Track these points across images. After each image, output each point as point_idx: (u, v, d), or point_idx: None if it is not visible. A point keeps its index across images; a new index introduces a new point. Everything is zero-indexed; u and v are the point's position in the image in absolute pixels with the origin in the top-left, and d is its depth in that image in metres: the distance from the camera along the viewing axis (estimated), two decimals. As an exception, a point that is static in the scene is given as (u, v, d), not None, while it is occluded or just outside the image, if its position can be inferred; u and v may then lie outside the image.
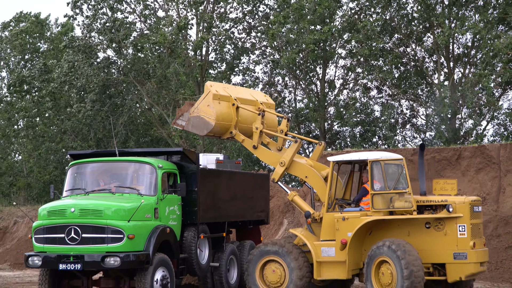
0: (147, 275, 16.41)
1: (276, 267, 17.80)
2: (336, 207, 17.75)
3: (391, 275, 16.30)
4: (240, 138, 18.89)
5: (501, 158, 25.29)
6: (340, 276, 17.28)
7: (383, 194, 16.90)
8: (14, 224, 33.90)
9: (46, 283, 17.03)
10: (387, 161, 17.16)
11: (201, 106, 18.53)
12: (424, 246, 16.74)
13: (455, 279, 16.67)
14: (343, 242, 17.02)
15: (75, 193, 17.71)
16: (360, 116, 43.82)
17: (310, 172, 18.30)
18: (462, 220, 16.61)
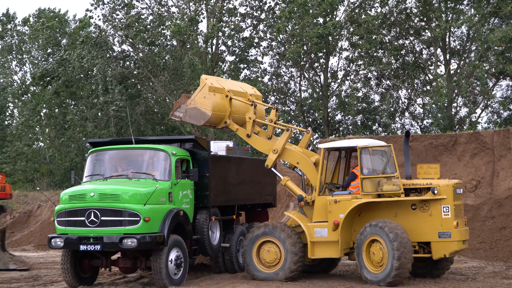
0: (162, 255, 16.42)
1: (271, 247, 17.91)
2: (326, 191, 17.91)
3: (381, 254, 16.52)
4: (234, 127, 19.02)
5: (495, 143, 25.21)
6: (332, 254, 17.52)
7: (372, 178, 17.09)
8: (38, 208, 34.00)
9: (68, 262, 17.08)
10: (374, 148, 17.36)
11: (197, 98, 18.64)
12: (410, 226, 16.93)
13: (439, 256, 16.91)
14: (335, 223, 17.21)
15: (95, 178, 17.71)
16: (361, 105, 43.75)
17: (301, 158, 18.45)
18: (446, 201, 16.83)
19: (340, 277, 18.75)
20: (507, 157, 24.71)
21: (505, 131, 25.39)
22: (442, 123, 38.15)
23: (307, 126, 45.98)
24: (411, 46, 42.13)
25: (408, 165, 17.74)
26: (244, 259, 18.22)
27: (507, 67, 35.87)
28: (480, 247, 23.11)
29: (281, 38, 41.41)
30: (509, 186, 24.31)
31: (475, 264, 20.77)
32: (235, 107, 19.10)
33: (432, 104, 38.89)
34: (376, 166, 17.15)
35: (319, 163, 17.92)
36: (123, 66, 44.93)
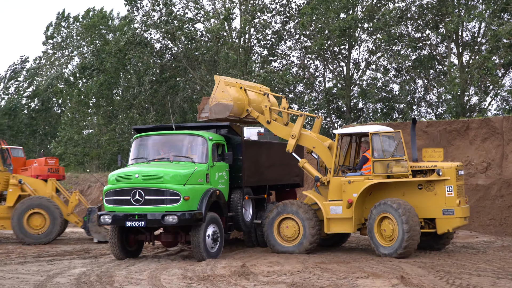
0: (200, 230, 16.49)
1: (290, 223, 18.05)
2: (339, 173, 18.04)
3: (392, 229, 16.68)
4: (255, 114, 19.07)
5: (504, 129, 24.93)
6: (347, 230, 17.74)
7: (382, 161, 17.23)
8: (88, 188, 34.31)
9: (115, 237, 17.23)
10: (384, 134, 17.48)
11: (217, 94, 18.75)
12: (417, 204, 17.13)
13: (443, 231, 17.16)
14: (349, 201, 17.42)
15: (139, 161, 17.80)
16: (380, 94, 43.52)
17: (317, 143, 18.55)
18: (449, 182, 17.03)
19: (353, 250, 18.90)
20: (515, 141, 24.45)
21: (514, 117, 25.11)
22: (455, 110, 37.86)
23: (332, 114, 45.88)
24: (427, 40, 41.74)
25: (415, 149, 17.95)
26: (266, 236, 18.32)
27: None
28: (490, 224, 22.95)
29: (306, 32, 41.25)
30: (517, 168, 24.09)
31: (486, 239, 20.64)
32: (251, 98, 19.24)
33: (446, 93, 38.60)
34: (386, 150, 17.30)
35: (333, 147, 18.09)
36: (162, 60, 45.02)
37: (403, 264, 15.60)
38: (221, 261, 16.22)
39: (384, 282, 13.18)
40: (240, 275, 14.10)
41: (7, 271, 15.56)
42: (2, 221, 22.14)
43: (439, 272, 14.25)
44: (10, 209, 22.04)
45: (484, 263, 15.72)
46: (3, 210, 22.15)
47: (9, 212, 21.99)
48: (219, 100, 18.63)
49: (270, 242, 18.24)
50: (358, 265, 15.56)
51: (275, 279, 13.75)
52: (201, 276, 14.10)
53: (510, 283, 12.96)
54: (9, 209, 22.08)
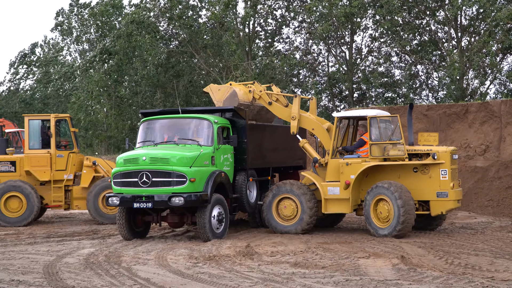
0: (206, 211, 16.48)
1: (288, 203, 18.08)
2: (337, 155, 18.06)
3: (387, 210, 16.73)
4: (257, 95, 19.22)
5: (502, 112, 24.84)
6: (344, 210, 17.78)
7: (379, 144, 17.20)
8: (97, 170, 34.25)
9: (123, 218, 17.24)
10: (382, 118, 17.46)
11: (217, 97, 19.12)
12: (412, 187, 17.09)
13: (437, 213, 17.20)
14: (347, 183, 17.42)
15: (146, 144, 17.76)
16: (382, 79, 43.37)
17: (316, 125, 18.61)
18: (444, 165, 16.97)
19: (355, 230, 18.89)
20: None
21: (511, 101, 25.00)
22: (455, 94, 37.73)
23: (335, 97, 45.79)
24: (427, 25, 41.54)
25: (411, 133, 17.93)
26: (265, 215, 18.34)
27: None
28: (488, 205, 22.88)
29: (312, 18, 41.03)
30: (515, 150, 24.02)
31: (484, 220, 20.60)
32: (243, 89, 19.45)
33: (446, 77, 38.47)
34: (383, 133, 17.27)
35: (332, 130, 18.10)
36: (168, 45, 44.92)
37: (403, 244, 15.58)
38: (226, 242, 16.22)
39: (385, 261, 13.16)
40: (245, 255, 14.10)
41: (18, 251, 15.59)
42: (77, 202, 22.11)
43: (439, 252, 14.23)
44: (85, 190, 22.01)
45: (482, 243, 15.70)
46: (78, 191, 22.13)
47: (84, 193, 21.98)
48: (223, 98, 18.85)
49: (269, 222, 18.28)
50: (360, 245, 15.55)
51: (278, 259, 13.74)
52: (207, 256, 14.11)
53: (507, 263, 12.94)
54: (83, 190, 22.05)
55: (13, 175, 22.03)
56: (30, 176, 21.90)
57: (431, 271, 12.17)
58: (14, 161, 22.16)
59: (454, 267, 12.59)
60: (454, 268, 12.49)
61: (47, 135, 22.16)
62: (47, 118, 22.51)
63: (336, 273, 12.16)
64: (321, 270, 12.52)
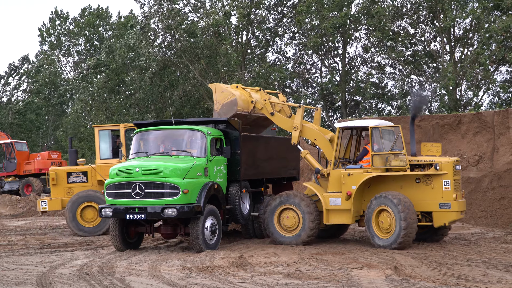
0: (199, 223, 16.51)
1: (290, 214, 17.99)
2: (339, 165, 17.97)
3: (389, 222, 16.67)
4: (259, 106, 19.20)
5: (495, 123, 24.97)
6: (345, 221, 17.65)
7: (381, 154, 17.14)
8: (90, 181, 34.24)
9: (116, 229, 17.25)
10: (384, 128, 17.37)
11: (218, 98, 19.02)
12: (414, 198, 17.05)
13: (440, 224, 17.07)
14: (348, 193, 17.34)
15: (139, 155, 17.78)
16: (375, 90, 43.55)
17: (318, 135, 18.59)
18: (446, 176, 16.91)
19: (348, 241, 18.88)
20: (506, 135, 24.48)
21: (505, 112, 25.13)
22: (448, 104, 37.90)
23: (328, 109, 45.92)
24: (420, 36, 41.76)
25: (414, 144, 17.86)
26: (266, 226, 18.29)
27: (507, 54, 35.48)
28: (481, 215, 22.99)
29: (302, 29, 41.27)
30: (507, 161, 24.10)
31: (477, 230, 20.68)
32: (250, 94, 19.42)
33: (441, 88, 38.65)
34: (385, 144, 17.23)
35: (334, 140, 18.02)
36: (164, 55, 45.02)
37: (396, 255, 15.64)
38: (219, 253, 16.25)
39: (378, 272, 13.22)
40: (238, 266, 14.15)
41: (11, 262, 15.59)
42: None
43: (432, 263, 14.30)
44: None
45: (475, 254, 15.77)
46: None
47: None
48: (223, 102, 18.81)
49: (270, 229, 18.20)
50: (353, 256, 15.60)
51: (272, 270, 13.78)
52: (200, 267, 14.15)
53: (500, 274, 13.01)
54: None
55: (85, 185, 22.34)
56: (101, 185, 22.02)
57: (424, 282, 12.23)
58: (86, 171, 22.54)
59: (447, 278, 12.67)
60: (447, 279, 12.56)
61: (116, 145, 22.33)
62: (116, 128, 22.90)
63: (329, 284, 12.22)
64: (314, 281, 12.57)
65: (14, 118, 60.90)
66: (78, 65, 61.43)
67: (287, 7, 44.19)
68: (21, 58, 66.86)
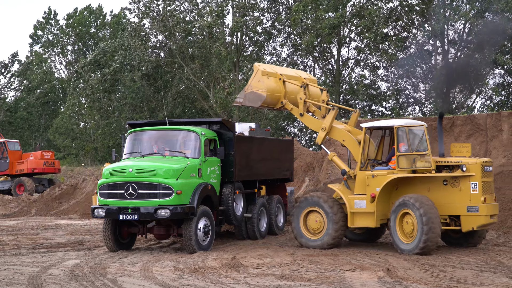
0: (192, 224, 16.48)
1: (316, 216, 17.62)
2: (368, 166, 17.51)
3: (412, 226, 16.09)
4: (289, 106, 18.85)
5: (488, 125, 25.04)
6: (369, 224, 17.11)
7: (407, 155, 16.60)
8: (83, 181, 34.20)
9: (109, 230, 17.21)
10: (411, 127, 16.76)
11: (253, 83, 18.55)
12: (442, 200, 16.47)
13: (468, 229, 16.42)
14: (372, 196, 16.86)
15: (133, 156, 17.75)
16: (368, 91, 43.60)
17: (347, 136, 18.08)
18: (474, 178, 16.25)
19: (345, 244, 18.62)
20: (498, 137, 24.56)
21: (497, 115, 25.22)
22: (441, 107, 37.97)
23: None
24: (413, 38, 41.87)
25: (442, 144, 17.20)
26: (292, 227, 17.97)
27: (499, 57, 35.57)
28: (474, 218, 22.93)
29: (297, 30, 41.30)
30: (500, 163, 24.16)
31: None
32: (289, 89, 18.94)
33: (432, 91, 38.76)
34: (411, 144, 16.60)
35: (361, 141, 17.49)
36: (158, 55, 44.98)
37: (389, 257, 15.64)
38: (212, 254, 16.23)
39: (370, 274, 13.22)
40: (231, 267, 14.12)
41: (2, 263, 15.52)
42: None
43: (424, 265, 14.30)
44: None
45: (467, 256, 15.78)
46: None
47: None
48: (253, 89, 18.47)
49: (295, 234, 17.82)
50: (346, 258, 15.59)
51: (264, 271, 13.77)
52: (193, 268, 14.12)
53: (492, 276, 13.03)
54: None
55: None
56: None
57: (417, 284, 12.23)
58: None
59: (439, 280, 12.67)
60: (440, 281, 12.56)
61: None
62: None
63: (322, 286, 12.21)
64: (307, 282, 12.56)
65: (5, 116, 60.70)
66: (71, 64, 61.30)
67: (282, 6, 44.18)
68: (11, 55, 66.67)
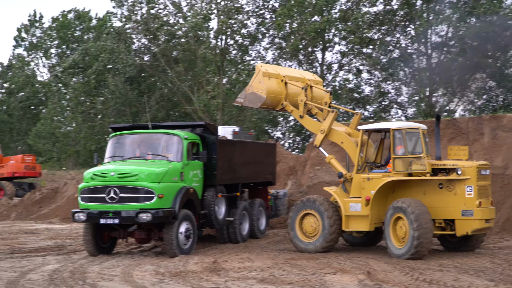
0: (173, 227, 16.46)
1: (312, 220, 17.50)
2: (366, 169, 17.38)
3: (405, 231, 15.91)
4: (289, 108, 18.73)
5: (469, 129, 25.17)
6: (363, 228, 17.01)
7: (403, 158, 16.42)
8: (64, 185, 33.98)
9: (89, 234, 17.14)
10: (407, 130, 16.64)
11: (254, 84, 18.49)
12: (437, 204, 16.34)
13: (462, 233, 16.31)
14: (367, 199, 16.74)
15: (115, 159, 17.71)
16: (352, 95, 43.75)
17: (345, 138, 17.90)
18: (469, 181, 16.09)
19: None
20: (480, 141, 24.68)
21: (479, 118, 25.36)
22: (424, 110, 38.20)
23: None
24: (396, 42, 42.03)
25: (438, 147, 17.04)
26: (288, 230, 17.89)
27: (481, 61, 35.84)
28: (455, 221, 23.05)
29: (282, 33, 41.37)
30: (481, 167, 24.27)
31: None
32: (291, 91, 18.78)
33: (414, 95, 38.96)
34: (408, 147, 16.45)
35: (359, 143, 17.38)
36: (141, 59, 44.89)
37: (370, 260, 15.69)
38: (193, 257, 16.21)
39: (351, 277, 13.25)
40: (212, 271, 14.11)
41: (-18, 267, 15.41)
42: None
43: (404, 268, 14.36)
44: None
45: (447, 259, 15.84)
46: None
47: None
48: (254, 90, 18.40)
49: (291, 236, 17.73)
50: (327, 261, 15.63)
51: (245, 275, 13.77)
52: (173, 272, 14.09)
53: (471, 278, 13.10)
54: None
55: None
56: None
57: (397, 287, 12.28)
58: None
59: (419, 283, 12.73)
60: (420, 284, 12.63)
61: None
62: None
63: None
64: (288, 286, 12.57)
65: None
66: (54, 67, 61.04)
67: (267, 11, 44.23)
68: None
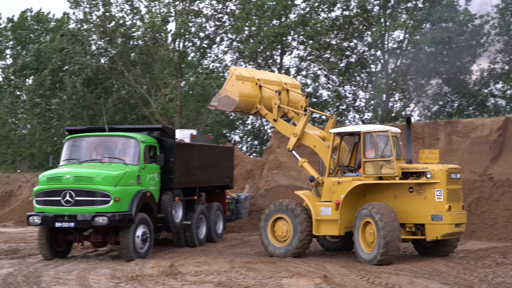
0: (130, 231, 16.37)
1: (283, 224, 17.34)
2: (339, 173, 17.29)
3: (373, 236, 15.80)
4: (263, 112, 18.62)
5: (425, 134, 25.57)
6: (334, 232, 16.84)
7: (373, 161, 16.30)
8: (19, 188, 33.50)
9: (44, 238, 16.96)
10: (378, 133, 16.49)
11: (227, 87, 18.39)
12: (408, 208, 16.22)
13: (432, 238, 16.19)
14: (336, 203, 16.59)
15: (71, 162, 17.56)
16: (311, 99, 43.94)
17: (318, 142, 17.79)
18: (439, 185, 15.95)
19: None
20: (435, 146, 25.07)
21: (434, 123, 25.78)
22: (380, 115, 38.57)
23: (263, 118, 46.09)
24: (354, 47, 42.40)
25: (409, 150, 16.92)
26: (260, 234, 17.72)
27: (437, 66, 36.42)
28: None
29: (240, 37, 41.42)
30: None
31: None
32: (266, 94, 18.65)
33: (372, 100, 39.30)
34: (378, 150, 16.30)
35: (330, 147, 17.28)
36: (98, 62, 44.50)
37: (327, 264, 15.81)
38: (150, 261, 16.14)
39: (308, 281, 13.34)
40: (168, 275, 14.08)
41: None
42: None
43: (360, 272, 14.50)
44: None
45: (403, 262, 15.99)
46: None
47: None
48: (228, 93, 18.28)
49: (262, 238, 17.58)
50: (284, 265, 15.70)
51: (202, 279, 13.76)
52: (130, 276, 14.01)
53: (426, 282, 13.28)
54: None
55: None
56: None
57: (353, 290, 12.41)
58: None
59: (375, 286, 12.86)
60: (375, 287, 12.77)
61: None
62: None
63: (259, 293, 12.27)
64: (245, 290, 12.62)
65: None
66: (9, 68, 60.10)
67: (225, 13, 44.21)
68: None
